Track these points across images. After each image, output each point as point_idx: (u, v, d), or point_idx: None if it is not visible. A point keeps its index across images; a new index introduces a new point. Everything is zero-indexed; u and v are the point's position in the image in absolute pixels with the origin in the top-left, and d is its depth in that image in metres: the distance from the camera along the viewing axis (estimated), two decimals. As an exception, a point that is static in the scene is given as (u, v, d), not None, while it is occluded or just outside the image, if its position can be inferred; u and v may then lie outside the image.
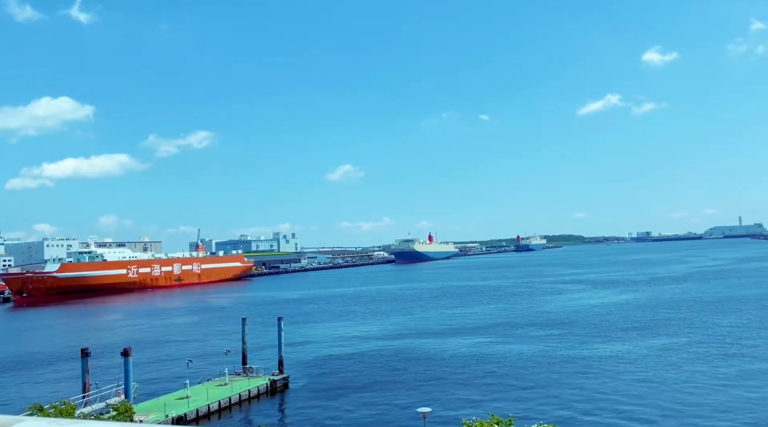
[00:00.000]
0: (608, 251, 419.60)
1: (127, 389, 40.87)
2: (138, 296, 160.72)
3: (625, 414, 36.46)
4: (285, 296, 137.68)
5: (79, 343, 58.50)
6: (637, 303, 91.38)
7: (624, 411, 37.08)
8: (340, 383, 48.32)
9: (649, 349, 55.64)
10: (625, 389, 42.01)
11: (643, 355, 53.08)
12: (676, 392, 40.65)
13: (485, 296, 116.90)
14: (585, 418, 36.18)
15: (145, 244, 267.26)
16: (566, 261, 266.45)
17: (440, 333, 70.97)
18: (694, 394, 40.08)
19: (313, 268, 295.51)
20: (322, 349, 63.90)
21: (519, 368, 49.94)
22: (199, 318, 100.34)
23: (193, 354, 58.32)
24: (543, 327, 71.61)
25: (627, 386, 42.76)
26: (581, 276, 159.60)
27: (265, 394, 47.17)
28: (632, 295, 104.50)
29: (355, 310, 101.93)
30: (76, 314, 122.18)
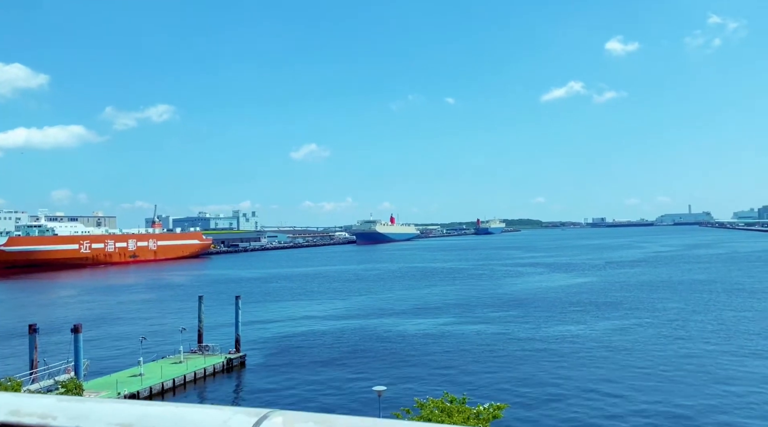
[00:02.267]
0: (564, 235, 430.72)
1: (77, 366, 39.79)
2: (90, 273, 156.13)
3: (579, 392, 37.70)
4: (244, 275, 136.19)
5: (27, 319, 56.44)
6: (592, 286, 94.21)
7: (578, 389, 38.33)
8: (297, 362, 48.28)
9: (602, 330, 57.53)
10: (578, 369, 43.38)
11: (597, 335, 54.87)
12: (626, 370, 42.22)
13: (445, 277, 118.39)
14: (538, 396, 37.23)
15: (99, 219, 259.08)
16: (524, 245, 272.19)
17: (400, 313, 71.59)
18: (645, 371, 41.70)
19: (273, 247, 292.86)
20: (280, 328, 63.59)
21: (477, 348, 50.89)
22: (155, 296, 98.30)
23: (148, 332, 57.14)
24: (501, 308, 73.09)
25: (580, 366, 44.16)
26: (539, 260, 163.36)
27: (221, 372, 46.74)
28: (587, 278, 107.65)
29: (315, 289, 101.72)
30: (24, 289, 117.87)
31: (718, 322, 60.40)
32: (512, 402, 31.51)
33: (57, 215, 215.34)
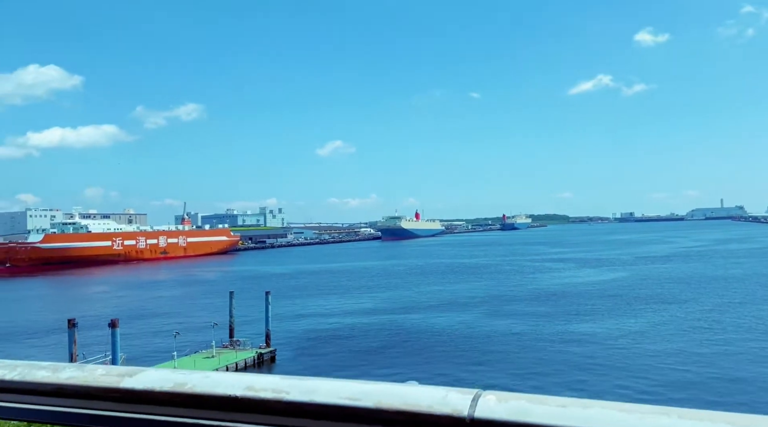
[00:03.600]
0: (592, 230, 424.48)
1: (114, 360, 40.96)
2: (123, 269, 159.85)
3: (612, 388, 37.38)
4: (272, 271, 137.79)
5: (65, 314, 58.18)
6: (622, 282, 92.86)
7: (610, 386, 38.00)
8: (327, 357, 48.83)
9: (635, 326, 56.75)
10: (610, 365, 42.95)
11: (630, 332, 54.17)
12: (660, 368, 41.65)
13: (472, 273, 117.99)
14: (569, 392, 37.04)
15: (130, 216, 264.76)
16: (551, 240, 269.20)
17: (428, 309, 71.70)
18: (680, 370, 41.11)
19: (299, 243, 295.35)
20: (309, 323, 64.32)
21: (506, 343, 50.75)
22: (186, 291, 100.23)
23: (180, 327, 58.38)
24: (530, 304, 72.60)
25: (612, 362, 43.72)
26: (566, 255, 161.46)
27: (252, 366, 47.59)
28: (617, 274, 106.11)
29: (343, 285, 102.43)
30: (61, 285, 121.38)
31: (755, 318, 59.01)
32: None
33: (90, 213, 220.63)
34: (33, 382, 1.58)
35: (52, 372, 1.58)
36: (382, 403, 1.17)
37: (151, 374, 1.41)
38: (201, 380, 1.33)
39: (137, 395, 1.37)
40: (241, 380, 1.31)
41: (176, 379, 1.35)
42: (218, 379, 1.33)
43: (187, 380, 1.33)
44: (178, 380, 1.34)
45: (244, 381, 1.31)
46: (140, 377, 1.41)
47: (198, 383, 1.32)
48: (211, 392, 1.29)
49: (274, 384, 1.29)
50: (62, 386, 1.52)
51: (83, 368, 1.55)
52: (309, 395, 1.23)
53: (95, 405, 1.47)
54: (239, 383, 1.30)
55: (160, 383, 1.35)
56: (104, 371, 1.50)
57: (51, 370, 1.59)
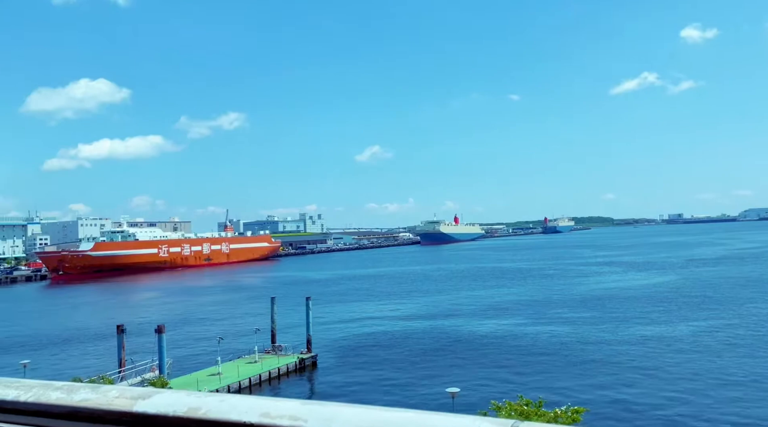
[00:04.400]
0: (638, 233, 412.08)
1: (161, 364, 41.77)
2: (168, 275, 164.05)
3: (659, 397, 35.81)
4: (312, 276, 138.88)
5: (114, 320, 59.91)
6: (671, 285, 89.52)
7: (658, 394, 36.41)
8: (368, 362, 48.56)
9: (686, 331, 54.45)
10: (658, 373, 41.23)
11: (679, 338, 51.98)
12: (712, 375, 39.72)
13: (514, 277, 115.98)
14: (616, 401, 35.65)
15: (175, 224, 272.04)
16: (595, 243, 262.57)
17: (470, 314, 70.70)
18: (732, 379, 39.10)
19: (339, 248, 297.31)
20: (349, 328, 64.27)
21: (550, 350, 49.43)
22: (229, 297, 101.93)
23: (224, 332, 59.22)
24: (575, 309, 70.71)
25: (661, 370, 41.96)
26: (612, 258, 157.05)
27: (294, 372, 47.74)
28: (666, 277, 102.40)
29: (383, 290, 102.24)
30: (110, 291, 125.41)
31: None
32: (591, 405, 30.28)
33: (137, 221, 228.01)
34: (47, 404, 1.54)
35: (66, 393, 1.54)
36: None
37: (166, 398, 1.37)
38: (215, 405, 1.29)
39: (150, 420, 1.34)
40: (257, 406, 1.26)
41: (190, 403, 1.32)
42: (233, 404, 1.28)
43: (201, 405, 1.30)
44: (192, 405, 1.31)
45: (260, 407, 1.26)
46: (154, 400, 1.37)
47: (212, 409, 1.28)
48: (225, 419, 1.25)
49: (291, 411, 1.22)
50: (76, 408, 1.48)
51: (97, 390, 1.51)
52: (328, 423, 1.17)
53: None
54: (254, 409, 1.25)
55: (173, 408, 1.32)
56: (118, 393, 1.46)
57: (65, 391, 1.55)
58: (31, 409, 1.55)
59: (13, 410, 1.58)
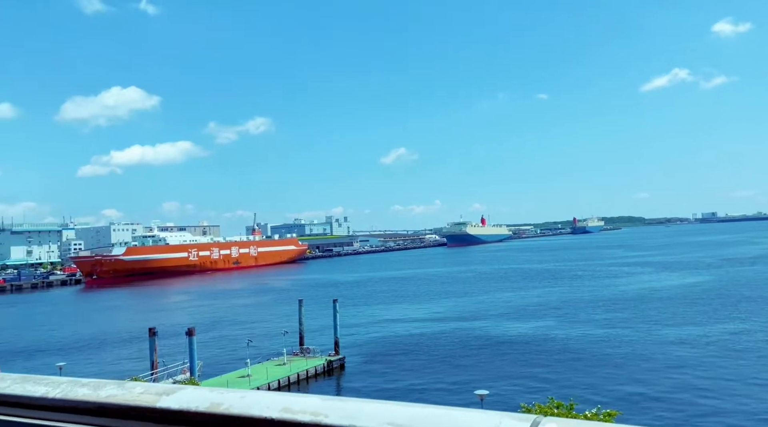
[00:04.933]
0: (670, 232, 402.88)
1: (192, 366, 42.36)
2: (198, 279, 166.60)
3: (695, 402, 34.83)
4: (339, 279, 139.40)
5: (146, 322, 61.00)
6: (706, 285, 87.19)
7: (689, 397, 35.43)
8: (396, 364, 48.43)
9: (720, 333, 52.92)
10: (692, 375, 40.13)
11: (715, 339, 50.54)
12: (748, 381, 38.47)
13: (543, 278, 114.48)
14: (649, 403, 34.80)
15: (204, 228, 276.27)
16: (626, 243, 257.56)
17: (498, 316, 69.99)
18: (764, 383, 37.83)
19: (365, 251, 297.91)
20: (377, 331, 64.24)
21: (581, 352, 48.56)
22: (257, 300, 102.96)
23: (252, 334, 59.81)
24: (606, 310, 69.39)
25: (694, 372, 40.83)
26: (644, 258, 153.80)
27: (323, 374, 47.90)
28: (700, 277, 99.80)
29: (410, 292, 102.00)
30: (142, 295, 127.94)
31: None
32: (624, 408, 29.62)
33: (167, 226, 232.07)
34: (75, 400, 1.58)
35: (92, 390, 1.58)
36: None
37: (189, 394, 1.40)
38: (237, 400, 1.31)
39: (173, 415, 1.36)
40: (278, 401, 1.27)
41: (212, 398, 1.34)
42: (254, 399, 1.30)
43: (223, 400, 1.32)
44: (215, 400, 1.33)
45: (282, 402, 1.26)
46: (178, 396, 1.40)
47: (234, 404, 1.30)
48: (246, 414, 1.26)
49: (312, 406, 1.22)
50: (102, 404, 1.52)
51: (123, 386, 1.56)
52: (350, 419, 1.16)
53: (133, 425, 1.47)
54: (276, 404, 1.26)
55: (196, 403, 1.35)
56: (142, 390, 1.49)
57: (92, 387, 1.59)
58: (60, 405, 1.60)
59: (43, 406, 1.63)
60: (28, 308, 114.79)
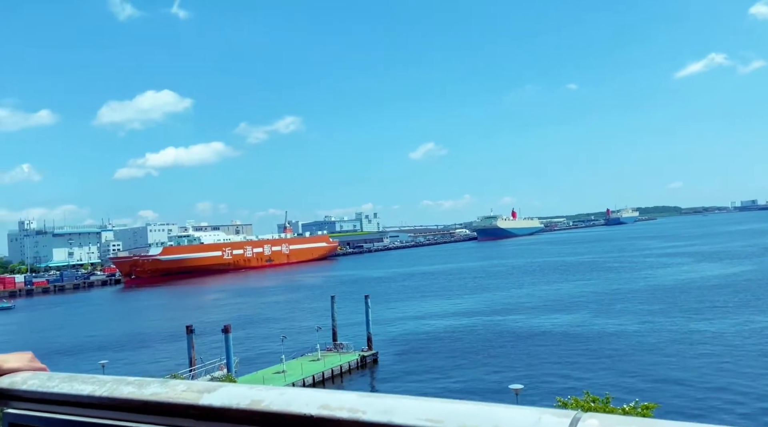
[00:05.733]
0: (708, 221, 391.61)
1: (228, 363, 43.24)
2: (232, 277, 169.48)
3: (737, 393, 33.95)
4: (370, 275, 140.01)
5: (184, 320, 62.45)
6: (748, 275, 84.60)
7: (730, 391, 34.54)
8: (429, 359, 48.50)
9: (763, 325, 51.35)
10: (732, 368, 39.09)
11: (758, 330, 49.07)
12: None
13: (577, 271, 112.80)
14: (688, 397, 34.06)
15: (237, 227, 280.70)
16: (662, 234, 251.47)
17: (531, 309, 69.34)
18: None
19: (395, 246, 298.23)
20: (409, 326, 64.39)
21: (618, 345, 47.79)
22: (291, 297, 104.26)
23: (287, 331, 60.60)
24: (643, 302, 68.02)
25: (735, 365, 39.76)
26: (681, 249, 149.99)
27: (356, 369, 48.33)
28: (741, 267, 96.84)
29: (442, 287, 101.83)
30: (179, 293, 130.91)
31: None
32: (663, 401, 29.06)
33: (201, 225, 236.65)
34: (120, 398, 1.62)
35: (137, 388, 1.61)
36: (467, 425, 1.08)
37: (230, 391, 1.42)
38: (276, 397, 1.32)
39: (215, 412, 1.39)
40: (317, 398, 1.27)
41: (253, 396, 1.36)
42: (293, 396, 1.31)
43: (263, 398, 1.34)
44: (255, 397, 1.35)
45: (320, 399, 1.26)
46: (219, 393, 1.42)
47: (274, 401, 1.31)
48: (285, 411, 1.28)
49: (350, 402, 1.23)
50: (146, 402, 1.55)
51: (166, 384, 1.58)
52: (387, 415, 1.16)
53: (176, 422, 1.50)
54: (314, 401, 1.26)
55: (237, 400, 1.37)
56: (185, 388, 1.52)
57: (137, 385, 1.63)
58: (106, 403, 1.64)
59: (90, 404, 1.68)
60: (72, 308, 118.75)
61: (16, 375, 1.89)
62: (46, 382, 1.80)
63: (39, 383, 1.81)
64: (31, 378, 1.85)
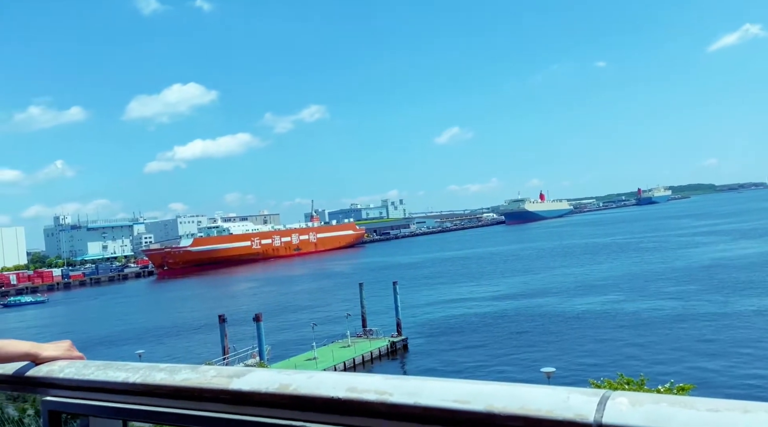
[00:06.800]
0: (744, 198, 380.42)
1: (261, 351, 43.83)
2: (262, 266, 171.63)
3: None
4: (397, 261, 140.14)
5: (216, 310, 63.52)
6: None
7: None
8: (459, 343, 48.35)
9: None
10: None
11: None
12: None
13: (609, 252, 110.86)
14: (726, 378, 33.21)
15: (265, 217, 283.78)
16: (697, 212, 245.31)
17: (563, 292, 68.46)
18: None
19: (422, 233, 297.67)
20: (438, 311, 64.27)
21: (652, 326, 46.85)
22: (320, 284, 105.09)
23: (317, 318, 61.12)
24: (679, 282, 66.45)
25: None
26: (717, 227, 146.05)
27: (386, 355, 48.49)
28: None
29: (469, 272, 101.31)
30: (210, 283, 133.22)
31: None
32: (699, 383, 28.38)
33: (230, 216, 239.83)
34: (153, 384, 1.67)
35: (169, 374, 1.65)
36: (494, 406, 1.07)
37: (259, 376, 1.45)
38: (304, 381, 1.35)
39: (244, 396, 1.42)
40: (344, 381, 1.29)
41: (281, 380, 1.38)
42: (321, 380, 1.33)
43: (291, 381, 1.36)
44: (283, 381, 1.37)
45: (347, 382, 1.28)
46: (248, 378, 1.45)
47: (302, 385, 1.33)
48: (314, 394, 1.30)
49: (377, 385, 1.23)
50: (178, 387, 1.59)
51: (197, 370, 1.62)
52: (413, 397, 1.16)
53: (207, 407, 1.54)
54: (341, 384, 1.28)
55: (266, 385, 1.39)
56: (215, 373, 1.56)
57: (168, 372, 1.67)
58: (139, 389, 1.70)
59: (124, 391, 1.74)
60: (108, 299, 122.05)
61: (54, 364, 1.98)
62: (82, 370, 1.89)
63: (75, 371, 1.90)
64: (68, 366, 1.94)
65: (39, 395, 2.03)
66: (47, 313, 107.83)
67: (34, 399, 2.10)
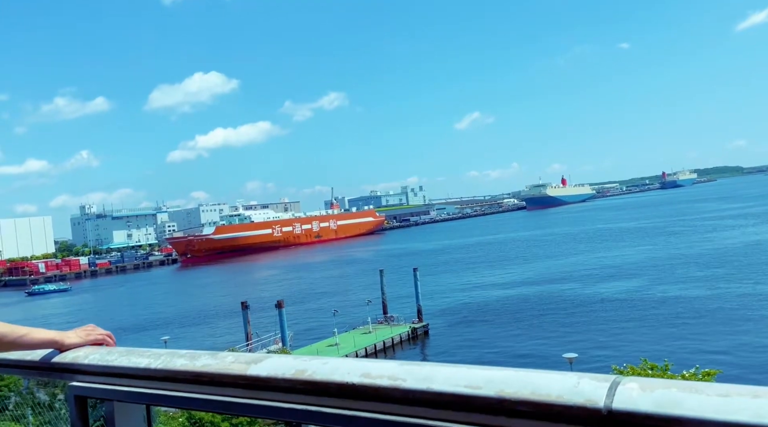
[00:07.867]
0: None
1: (283, 337, 44.33)
2: (283, 253, 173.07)
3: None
4: (417, 248, 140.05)
5: (239, 297, 64.27)
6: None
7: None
8: (481, 330, 48.25)
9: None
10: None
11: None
12: None
13: (633, 237, 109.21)
14: (753, 364, 32.58)
15: (286, 204, 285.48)
16: (724, 195, 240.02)
17: (586, 277, 67.74)
18: None
19: (442, 219, 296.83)
20: (459, 297, 64.16)
21: (678, 311, 46.12)
22: (340, 271, 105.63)
23: (338, 305, 61.45)
24: (705, 267, 65.23)
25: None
26: (745, 210, 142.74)
27: (407, 341, 48.67)
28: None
29: (490, 258, 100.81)
30: (232, 271, 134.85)
31: None
32: (726, 368, 27.89)
33: (251, 204, 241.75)
34: (173, 370, 1.73)
35: (189, 360, 1.71)
36: (505, 391, 1.09)
37: (275, 361, 1.49)
38: (319, 367, 1.38)
39: (261, 381, 1.47)
40: (358, 367, 1.32)
41: (297, 365, 1.41)
42: (336, 365, 1.36)
43: (306, 367, 1.39)
44: (299, 367, 1.40)
45: (361, 368, 1.31)
46: (265, 364, 1.49)
47: (317, 370, 1.36)
48: (329, 379, 1.33)
49: (390, 371, 1.26)
50: (198, 373, 1.64)
51: (216, 356, 1.67)
52: (425, 382, 1.19)
53: (226, 392, 1.59)
54: (356, 370, 1.31)
55: (282, 370, 1.43)
56: (233, 359, 1.60)
57: (189, 358, 1.73)
58: (161, 374, 1.77)
59: (146, 376, 1.82)
60: (133, 287, 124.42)
61: (78, 350, 2.11)
62: (106, 356, 1.99)
63: (99, 357, 2.01)
64: (92, 353, 2.06)
65: (66, 381, 2.12)
66: (75, 300, 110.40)
67: (63, 384, 2.18)
